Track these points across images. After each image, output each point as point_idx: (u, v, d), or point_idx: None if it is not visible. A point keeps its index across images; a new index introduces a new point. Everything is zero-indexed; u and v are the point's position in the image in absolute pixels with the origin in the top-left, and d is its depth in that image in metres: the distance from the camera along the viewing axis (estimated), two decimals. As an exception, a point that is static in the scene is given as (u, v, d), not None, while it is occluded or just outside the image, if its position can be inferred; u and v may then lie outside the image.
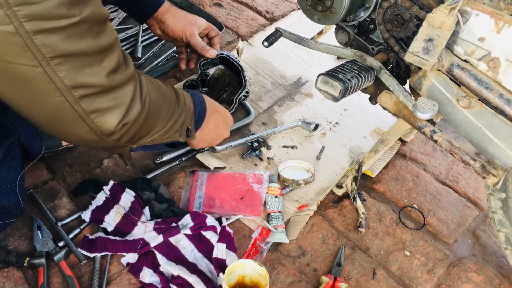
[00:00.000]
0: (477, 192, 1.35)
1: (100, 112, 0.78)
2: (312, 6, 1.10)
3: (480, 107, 0.96)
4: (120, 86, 0.79)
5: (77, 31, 0.68)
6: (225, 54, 1.44)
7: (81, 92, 0.73)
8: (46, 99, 0.73)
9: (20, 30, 0.63)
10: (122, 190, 1.15)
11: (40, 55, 0.66)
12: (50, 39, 0.66)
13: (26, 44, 0.65)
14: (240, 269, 1.02)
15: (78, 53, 0.70)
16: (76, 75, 0.71)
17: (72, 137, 0.84)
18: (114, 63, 0.77)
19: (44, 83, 0.70)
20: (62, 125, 0.79)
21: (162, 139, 0.97)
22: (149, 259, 1.07)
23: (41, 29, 0.64)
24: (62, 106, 0.74)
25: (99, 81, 0.75)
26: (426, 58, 0.91)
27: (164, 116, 0.94)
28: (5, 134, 1.01)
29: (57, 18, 0.65)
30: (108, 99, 0.78)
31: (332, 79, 0.97)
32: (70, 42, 0.68)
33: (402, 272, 1.15)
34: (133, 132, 0.86)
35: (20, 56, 0.66)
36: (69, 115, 0.76)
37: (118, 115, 0.80)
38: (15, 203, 1.02)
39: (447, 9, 0.87)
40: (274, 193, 1.23)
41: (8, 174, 1.00)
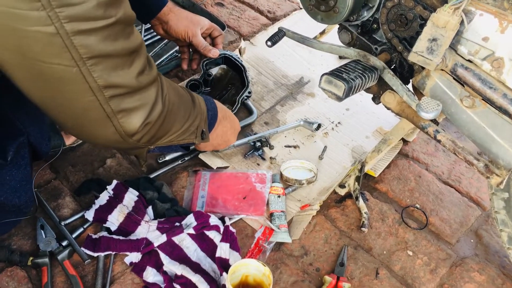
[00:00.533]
0: (479, 192, 1.35)
1: (126, 112, 0.79)
2: (316, 5, 1.10)
3: (483, 107, 0.96)
4: (146, 87, 0.81)
5: (112, 32, 0.70)
6: (227, 54, 1.44)
7: (111, 92, 0.75)
8: (78, 99, 0.74)
9: (60, 31, 0.64)
10: (126, 190, 1.16)
11: (77, 55, 0.67)
12: (88, 40, 0.67)
13: (65, 45, 0.66)
14: (243, 269, 1.03)
15: (112, 54, 0.72)
16: (109, 76, 0.73)
17: (96, 138, 0.85)
18: (142, 65, 0.78)
19: (79, 83, 0.71)
20: (89, 125, 0.81)
21: (178, 140, 0.99)
22: (153, 258, 1.07)
23: (80, 30, 0.65)
24: (92, 105, 0.75)
25: (129, 81, 0.76)
26: (430, 58, 0.91)
27: (181, 118, 0.96)
28: (16, 134, 1.02)
29: (95, 19, 0.66)
30: (134, 100, 0.79)
31: (336, 79, 0.97)
32: (106, 43, 0.69)
33: (405, 272, 1.15)
34: (153, 132, 0.87)
35: (58, 56, 0.67)
36: (97, 115, 0.77)
37: (143, 115, 0.82)
38: (26, 202, 1.03)
39: (451, 9, 0.87)
40: (277, 192, 1.23)
41: (18, 173, 1.01)
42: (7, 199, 0.99)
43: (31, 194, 1.05)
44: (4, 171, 0.99)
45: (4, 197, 0.98)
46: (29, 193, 1.03)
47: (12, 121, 1.02)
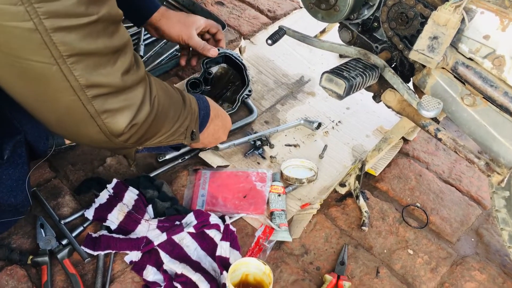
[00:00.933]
0: (480, 190, 1.35)
1: (111, 113, 0.77)
2: (316, 4, 1.10)
3: (484, 105, 0.96)
4: (131, 87, 0.79)
5: (94, 30, 0.68)
6: (228, 53, 1.44)
7: (94, 92, 0.73)
8: (59, 97, 0.73)
9: (39, 27, 0.63)
10: (126, 188, 1.15)
11: (57, 53, 0.66)
12: (68, 37, 0.66)
13: (44, 42, 0.64)
14: (243, 267, 1.02)
15: (93, 52, 0.70)
16: (91, 75, 0.71)
17: (80, 137, 0.84)
18: (127, 64, 0.77)
19: (59, 81, 0.69)
20: (72, 125, 0.79)
21: (168, 141, 0.97)
22: (153, 257, 1.07)
23: (60, 26, 0.64)
24: (74, 105, 0.74)
25: (112, 81, 0.75)
26: (431, 56, 0.91)
27: (171, 119, 0.94)
28: (12, 133, 1.01)
29: (76, 16, 0.65)
30: (119, 100, 0.77)
31: (337, 77, 0.97)
32: (87, 41, 0.68)
33: (406, 271, 1.15)
34: (141, 133, 0.86)
35: (37, 53, 0.65)
36: (80, 115, 0.75)
37: (128, 116, 0.80)
38: (22, 201, 1.02)
39: (452, 7, 0.87)
40: (277, 191, 1.23)
41: (14, 172, 1.00)
42: (2, 199, 0.98)
43: (28, 193, 1.04)
44: (0, 170, 0.98)
45: (0, 197, 0.97)
46: (25, 192, 1.02)
47: (9, 119, 1.01)
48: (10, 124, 1.01)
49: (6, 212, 1.02)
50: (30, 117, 1.04)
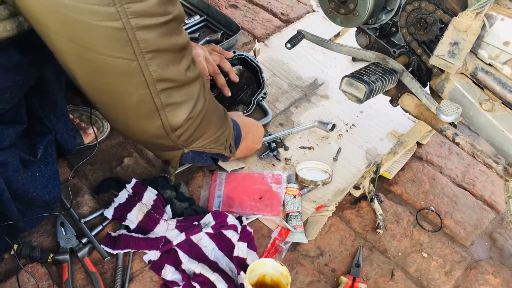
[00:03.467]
0: (493, 195, 1.36)
1: (174, 106, 0.82)
2: (335, 8, 1.11)
3: (503, 110, 0.97)
4: (191, 82, 0.84)
5: (169, 28, 0.73)
6: (243, 55, 1.45)
7: (163, 86, 0.78)
8: (133, 92, 0.77)
9: (126, 26, 0.67)
10: (145, 189, 1.17)
11: (138, 49, 0.70)
12: (149, 34, 0.70)
13: (129, 39, 0.68)
14: (261, 268, 1.03)
15: (167, 49, 0.75)
16: (163, 70, 0.75)
17: (140, 133, 0.88)
18: (189, 61, 0.82)
19: (136, 76, 0.74)
20: (137, 120, 0.83)
21: (210, 148, 1.01)
22: (171, 257, 1.08)
23: (144, 25, 0.68)
24: (145, 99, 0.78)
25: (178, 76, 0.79)
26: (452, 62, 0.92)
27: (215, 124, 0.99)
28: (44, 132, 1.05)
29: (157, 15, 0.69)
30: (181, 94, 0.82)
31: (357, 81, 0.98)
32: (163, 38, 0.72)
33: (420, 274, 1.16)
34: (193, 129, 0.90)
35: (121, 50, 0.69)
36: (148, 108, 0.80)
37: (188, 109, 0.85)
38: (54, 198, 1.05)
39: (473, 13, 0.88)
40: (292, 193, 1.24)
41: (46, 169, 1.04)
42: (38, 195, 1.01)
43: (58, 190, 1.07)
44: (34, 167, 1.02)
45: (37, 193, 1.01)
46: (56, 189, 1.06)
47: (42, 119, 1.05)
48: (43, 123, 1.05)
49: (39, 208, 1.04)
50: (60, 117, 1.07)
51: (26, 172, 0.98)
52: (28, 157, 1.00)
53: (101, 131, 1.30)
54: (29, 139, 1.02)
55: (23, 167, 0.98)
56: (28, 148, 1.01)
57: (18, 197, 0.97)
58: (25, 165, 0.99)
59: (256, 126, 1.26)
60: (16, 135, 0.95)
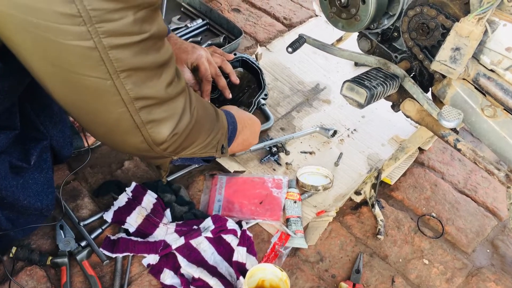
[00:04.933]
0: (495, 201, 1.35)
1: (155, 123, 0.80)
2: (337, 13, 1.11)
3: (505, 116, 0.96)
4: (174, 98, 0.82)
5: (145, 46, 0.71)
6: (244, 57, 1.45)
7: (141, 104, 0.76)
8: (110, 110, 0.76)
9: (98, 46, 0.66)
10: (144, 192, 1.16)
11: (112, 68, 0.69)
12: (122, 53, 0.69)
13: (101, 59, 0.67)
14: (260, 273, 1.03)
15: (144, 67, 0.73)
16: (140, 88, 0.74)
17: (124, 147, 0.87)
18: (171, 77, 0.80)
19: (112, 95, 0.73)
20: (119, 136, 0.82)
21: (201, 153, 0.99)
22: (170, 260, 1.08)
23: (116, 44, 0.67)
24: (123, 116, 0.76)
25: (158, 93, 0.78)
26: (453, 67, 0.92)
27: (206, 130, 0.97)
28: (39, 138, 1.03)
29: (131, 34, 0.68)
30: (163, 110, 0.80)
31: (358, 86, 0.98)
32: (139, 57, 0.71)
33: (421, 281, 1.15)
34: (180, 142, 0.88)
35: (94, 69, 0.69)
36: (127, 125, 0.78)
37: (171, 125, 0.83)
38: (47, 205, 1.04)
39: (476, 18, 0.88)
40: (293, 198, 1.24)
41: (40, 176, 1.02)
42: (29, 203, 0.99)
43: (52, 197, 1.06)
44: (27, 174, 1.00)
45: (27, 201, 0.99)
46: (50, 196, 1.04)
47: (36, 124, 1.04)
48: (37, 129, 1.04)
49: (32, 215, 1.03)
50: (56, 122, 1.06)
51: (17, 179, 0.97)
52: (20, 163, 0.98)
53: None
54: (23, 145, 1.01)
55: (15, 173, 0.96)
56: (21, 154, 1.00)
57: (8, 206, 0.96)
58: (17, 171, 0.98)
59: (252, 120, 1.23)
60: (8, 141, 0.94)
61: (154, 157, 0.93)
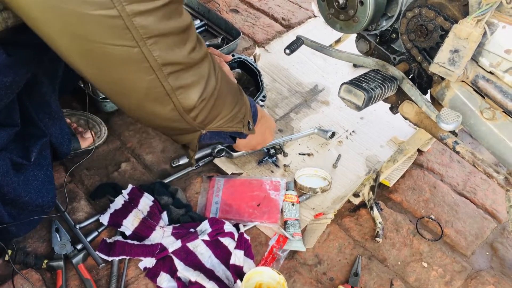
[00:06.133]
0: (495, 204, 1.34)
1: (184, 88, 0.81)
2: (335, 15, 1.10)
3: (504, 119, 0.95)
4: (198, 63, 0.82)
5: (168, 11, 0.71)
6: (242, 58, 1.44)
7: (169, 69, 0.76)
8: (139, 78, 0.75)
9: (122, 14, 0.66)
10: (141, 195, 1.16)
11: (138, 35, 0.69)
12: (147, 20, 0.69)
13: (126, 26, 0.67)
14: (257, 277, 1.02)
15: (169, 32, 0.73)
16: (167, 53, 0.74)
17: (155, 118, 0.86)
18: (194, 42, 0.80)
19: (140, 63, 0.73)
20: (149, 105, 0.82)
21: (227, 127, 0.98)
22: (167, 264, 1.07)
23: (140, 11, 0.67)
24: (153, 84, 0.76)
25: (184, 58, 0.78)
26: (452, 69, 0.91)
27: (230, 102, 0.96)
28: (39, 135, 1.04)
29: (153, 0, 0.68)
30: (190, 75, 0.81)
31: (356, 88, 0.97)
32: (163, 22, 0.71)
33: (420, 284, 1.14)
34: (208, 109, 0.88)
35: (120, 38, 0.68)
36: (158, 93, 0.78)
37: (199, 90, 0.83)
38: (48, 202, 1.04)
39: (474, 20, 0.87)
40: (291, 200, 1.23)
41: (40, 173, 1.02)
42: (31, 199, 1.00)
43: (53, 194, 1.06)
44: (28, 171, 1.01)
45: (29, 197, 1.00)
46: (51, 193, 1.05)
47: (35, 122, 1.04)
48: (37, 127, 1.04)
49: (32, 212, 1.04)
50: (55, 120, 1.06)
51: (18, 176, 0.97)
52: (21, 160, 0.99)
53: (99, 135, 1.30)
54: (23, 142, 1.01)
55: (16, 170, 0.97)
56: (21, 151, 1.00)
57: (9, 202, 0.96)
58: (18, 168, 0.98)
59: (270, 117, 1.23)
60: (8, 138, 0.94)
61: (185, 130, 0.93)
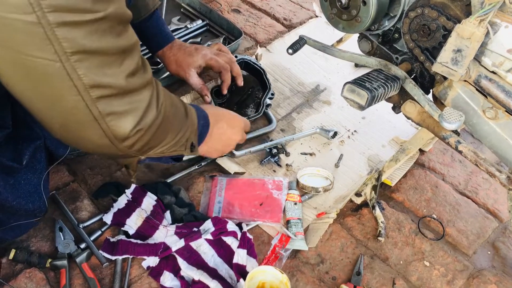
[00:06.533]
0: (496, 203, 1.35)
1: (116, 115, 0.74)
2: (337, 15, 1.10)
3: (506, 118, 0.96)
4: (137, 90, 0.76)
5: (100, 28, 0.65)
6: (246, 59, 1.45)
7: (98, 93, 0.70)
8: (62, 97, 0.69)
9: (42, 21, 0.60)
10: (144, 194, 1.16)
11: (60, 49, 0.63)
12: (72, 33, 0.62)
13: (47, 37, 0.61)
14: (260, 276, 1.02)
15: (98, 51, 0.67)
16: (96, 74, 0.68)
17: (83, 142, 0.80)
18: (134, 66, 0.74)
19: (62, 80, 0.66)
20: (75, 128, 0.76)
21: (170, 152, 0.94)
22: (170, 263, 1.07)
23: (64, 21, 0.61)
24: (78, 106, 0.70)
25: (117, 82, 0.71)
26: (455, 69, 0.91)
27: (175, 128, 0.92)
28: (32, 137, 1.00)
29: (81, 12, 0.62)
30: (124, 102, 0.74)
31: (359, 88, 0.97)
32: (92, 38, 0.65)
33: (422, 283, 1.14)
34: (146, 139, 0.83)
35: (40, 49, 0.62)
36: (84, 117, 0.72)
37: (134, 119, 0.77)
38: (39, 206, 1.01)
39: (477, 20, 0.87)
40: (293, 199, 1.23)
41: (33, 177, 0.99)
42: (19, 204, 0.96)
43: (46, 198, 1.03)
44: (19, 175, 0.98)
45: (17, 202, 0.95)
46: (43, 197, 1.01)
47: (29, 124, 1.00)
48: (31, 129, 1.00)
49: (23, 217, 1.01)
50: None
51: (7, 179, 0.93)
52: (11, 163, 0.94)
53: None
54: (15, 144, 0.97)
55: (5, 174, 0.92)
56: (12, 154, 0.96)
57: None
58: (8, 172, 0.94)
59: (233, 116, 1.17)
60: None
61: (120, 156, 0.88)
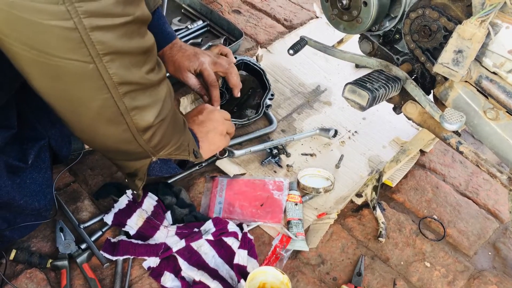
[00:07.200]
0: (497, 204, 1.35)
1: (139, 109, 0.80)
2: (338, 15, 1.10)
3: (508, 119, 0.96)
4: (156, 85, 0.82)
5: (129, 30, 0.70)
6: (245, 60, 1.45)
7: (125, 89, 0.75)
8: (93, 96, 0.74)
9: (79, 26, 0.63)
10: (145, 194, 1.16)
11: (94, 51, 0.67)
12: (105, 36, 0.67)
13: (82, 40, 0.65)
14: (261, 276, 1.02)
15: (127, 52, 0.72)
16: (124, 73, 0.73)
17: (107, 139, 0.85)
18: (153, 64, 0.80)
19: (95, 80, 0.71)
20: (102, 125, 0.80)
21: (176, 154, 0.99)
22: (171, 263, 1.07)
23: (98, 26, 0.65)
24: (107, 103, 0.75)
25: (141, 79, 0.77)
26: (456, 70, 0.91)
27: (178, 130, 0.97)
28: (37, 137, 1.02)
29: (113, 16, 0.66)
30: (146, 96, 0.80)
31: (360, 88, 0.97)
32: (122, 40, 0.69)
33: (423, 283, 1.14)
34: (162, 132, 0.88)
35: (75, 52, 0.66)
36: (111, 112, 0.77)
37: (155, 111, 0.83)
38: (45, 205, 1.03)
39: (478, 21, 0.87)
40: (294, 200, 1.23)
41: (38, 176, 1.01)
42: (26, 202, 0.98)
43: (51, 197, 1.05)
44: (24, 174, 0.99)
45: (24, 200, 0.98)
46: (48, 196, 1.03)
47: (34, 124, 1.02)
48: (35, 129, 1.02)
49: (29, 216, 1.02)
50: (55, 122, 1.05)
51: (14, 178, 0.95)
52: (17, 163, 0.97)
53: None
54: (20, 144, 0.99)
55: (12, 173, 0.95)
56: (18, 153, 0.98)
57: (3, 205, 0.94)
58: (14, 171, 0.96)
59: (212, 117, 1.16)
60: (4, 140, 0.92)
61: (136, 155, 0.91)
